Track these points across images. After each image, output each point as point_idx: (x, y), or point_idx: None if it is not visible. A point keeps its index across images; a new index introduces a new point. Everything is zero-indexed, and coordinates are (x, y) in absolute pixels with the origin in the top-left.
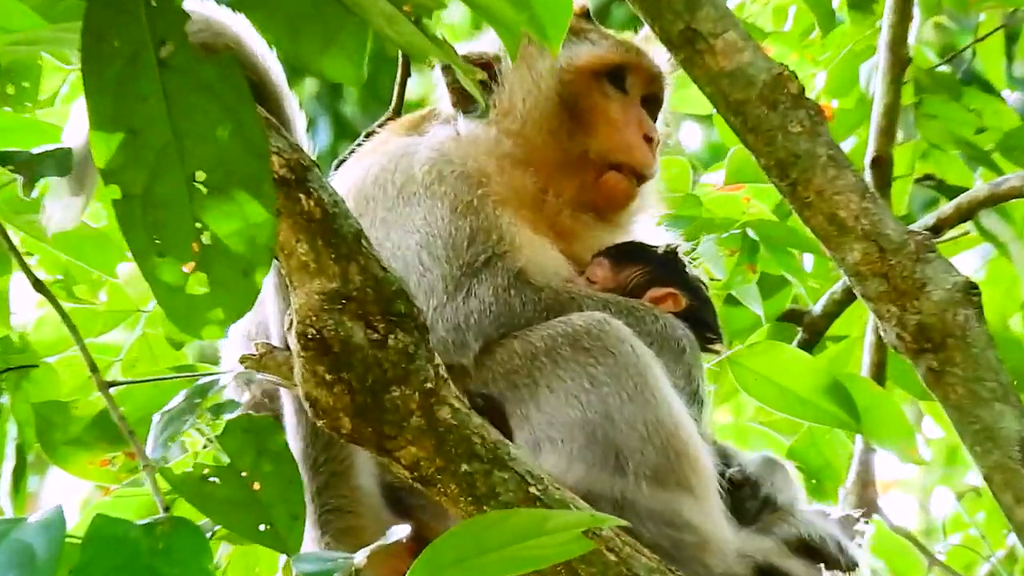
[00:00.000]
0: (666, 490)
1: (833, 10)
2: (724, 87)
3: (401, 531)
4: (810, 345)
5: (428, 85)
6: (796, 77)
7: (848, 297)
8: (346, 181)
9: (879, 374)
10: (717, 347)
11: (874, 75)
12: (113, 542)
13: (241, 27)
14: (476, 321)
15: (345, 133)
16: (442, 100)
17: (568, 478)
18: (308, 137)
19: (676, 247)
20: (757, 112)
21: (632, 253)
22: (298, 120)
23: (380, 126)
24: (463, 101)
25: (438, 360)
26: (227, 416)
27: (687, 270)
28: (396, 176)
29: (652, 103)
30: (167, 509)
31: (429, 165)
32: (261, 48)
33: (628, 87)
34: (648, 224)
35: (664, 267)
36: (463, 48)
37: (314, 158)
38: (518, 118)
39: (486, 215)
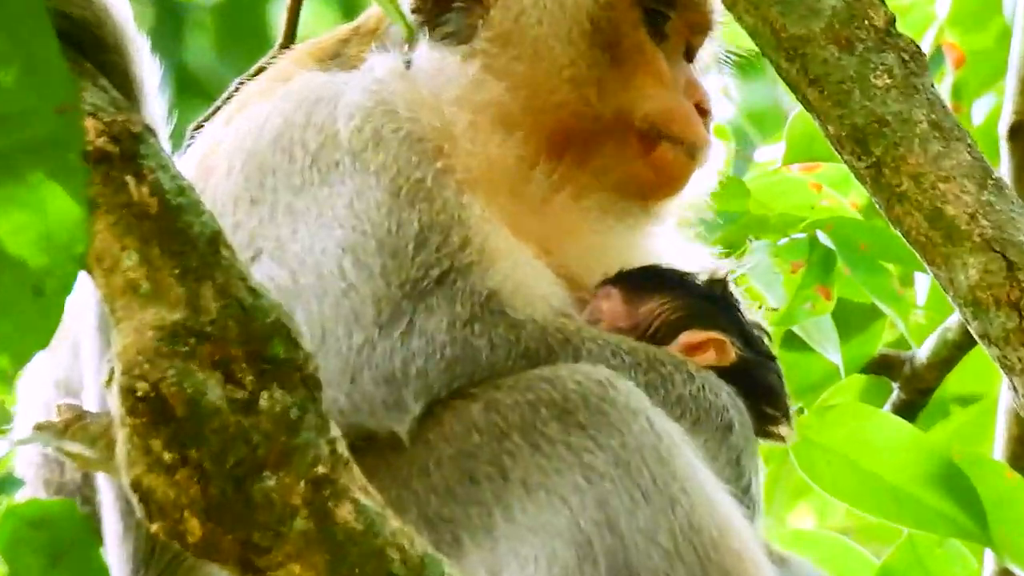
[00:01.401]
0: None
1: None
2: (774, 17)
3: None
4: (913, 409)
5: (319, 20)
6: (883, 1)
7: (970, 337)
8: (225, 143)
9: (1021, 454)
10: (781, 429)
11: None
12: None
13: None
14: (420, 369)
15: (190, 87)
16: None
17: None
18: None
19: (724, 275)
20: (823, 55)
21: (658, 280)
22: (148, 78)
23: (259, 72)
24: (429, 9)
25: (335, 432)
26: (8, 500)
27: (740, 309)
28: (308, 134)
29: (687, 58)
30: None
31: (361, 118)
32: None
33: (669, 30)
34: (673, 228)
35: (706, 302)
36: None
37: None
38: (526, 50)
39: (444, 203)
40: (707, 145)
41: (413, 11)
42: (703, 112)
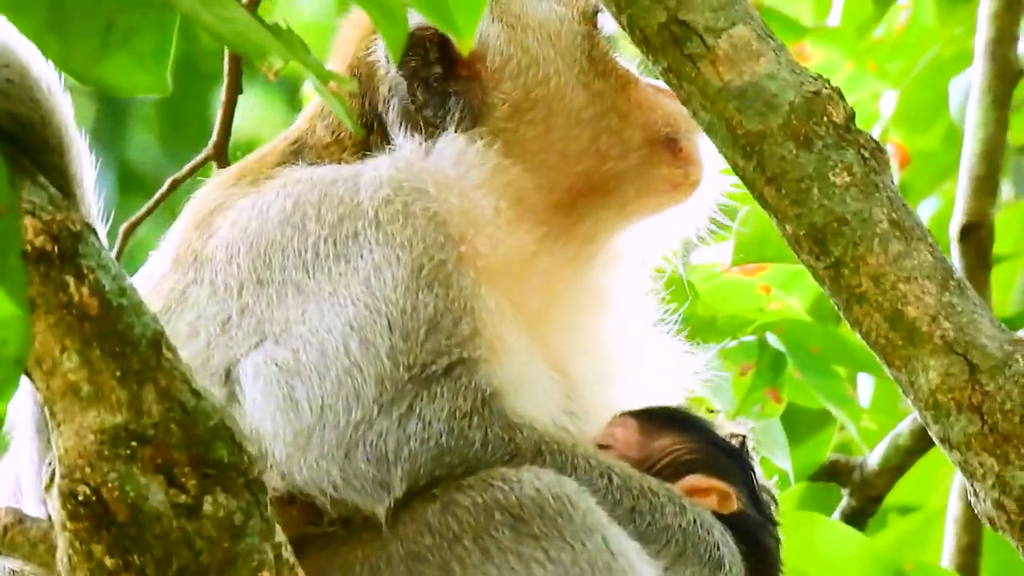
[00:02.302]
0: None
1: None
2: (730, 113)
3: None
4: (863, 516)
5: (261, 116)
6: (841, 97)
7: (921, 443)
8: (217, 236)
9: (970, 564)
10: None
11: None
12: None
13: (26, 49)
14: (411, 453)
15: (133, 184)
16: (392, 104)
17: None
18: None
19: (744, 435)
20: (780, 152)
21: (677, 421)
22: (87, 176)
23: (195, 170)
24: (435, 105)
25: (280, 537)
26: None
27: (753, 468)
28: (325, 208)
29: None
30: None
31: (391, 189)
32: (49, 77)
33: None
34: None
35: (720, 452)
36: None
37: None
38: (541, 111)
39: (461, 290)
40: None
41: (419, 110)
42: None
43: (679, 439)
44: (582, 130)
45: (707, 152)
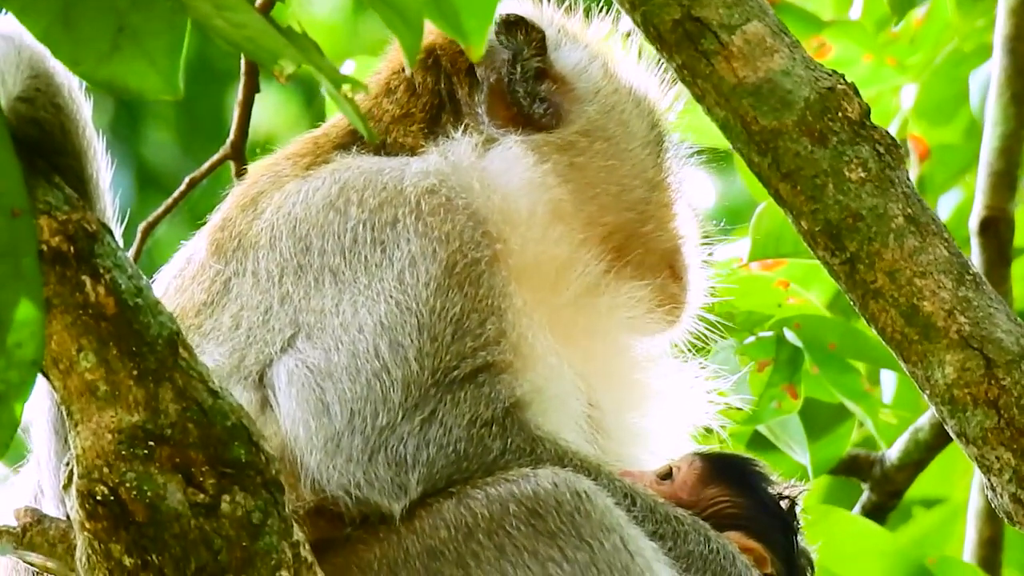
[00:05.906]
0: None
1: None
2: (744, 109)
3: None
4: (883, 511)
5: (278, 114)
6: (856, 93)
7: (941, 438)
8: (262, 220)
9: (991, 557)
10: None
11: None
12: None
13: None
14: (430, 458)
15: (150, 182)
16: (481, 105)
17: None
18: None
19: (796, 497)
20: (795, 148)
21: (734, 472)
22: (102, 177)
23: (212, 170)
24: (519, 114)
25: (298, 535)
26: None
27: (797, 534)
28: (368, 193)
29: None
30: None
31: (437, 180)
32: (70, 81)
33: None
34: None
35: (764, 512)
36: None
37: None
38: (611, 147)
39: (490, 289)
40: None
41: (511, 85)
42: None
43: (730, 492)
44: (640, 185)
45: (694, 291)
